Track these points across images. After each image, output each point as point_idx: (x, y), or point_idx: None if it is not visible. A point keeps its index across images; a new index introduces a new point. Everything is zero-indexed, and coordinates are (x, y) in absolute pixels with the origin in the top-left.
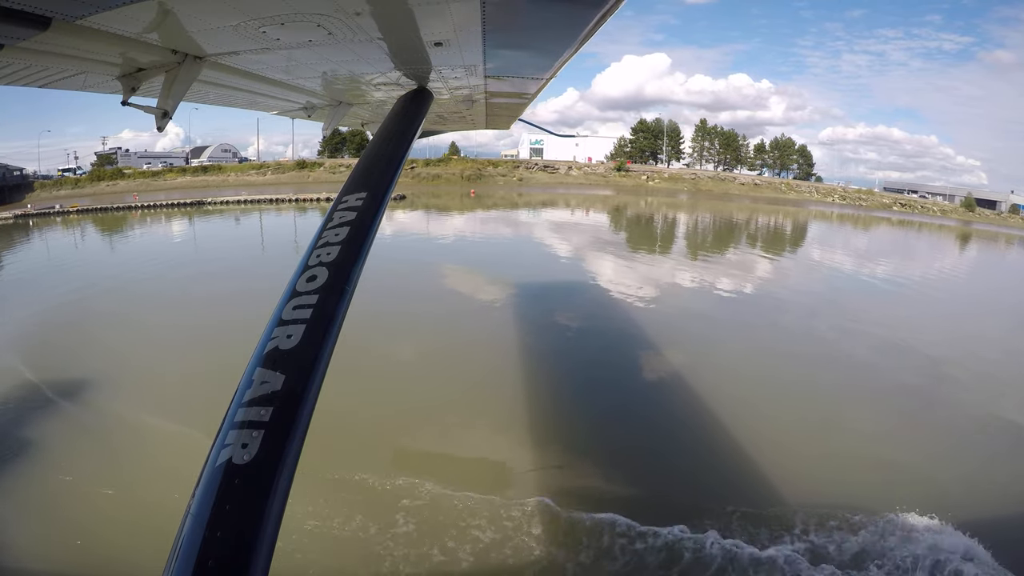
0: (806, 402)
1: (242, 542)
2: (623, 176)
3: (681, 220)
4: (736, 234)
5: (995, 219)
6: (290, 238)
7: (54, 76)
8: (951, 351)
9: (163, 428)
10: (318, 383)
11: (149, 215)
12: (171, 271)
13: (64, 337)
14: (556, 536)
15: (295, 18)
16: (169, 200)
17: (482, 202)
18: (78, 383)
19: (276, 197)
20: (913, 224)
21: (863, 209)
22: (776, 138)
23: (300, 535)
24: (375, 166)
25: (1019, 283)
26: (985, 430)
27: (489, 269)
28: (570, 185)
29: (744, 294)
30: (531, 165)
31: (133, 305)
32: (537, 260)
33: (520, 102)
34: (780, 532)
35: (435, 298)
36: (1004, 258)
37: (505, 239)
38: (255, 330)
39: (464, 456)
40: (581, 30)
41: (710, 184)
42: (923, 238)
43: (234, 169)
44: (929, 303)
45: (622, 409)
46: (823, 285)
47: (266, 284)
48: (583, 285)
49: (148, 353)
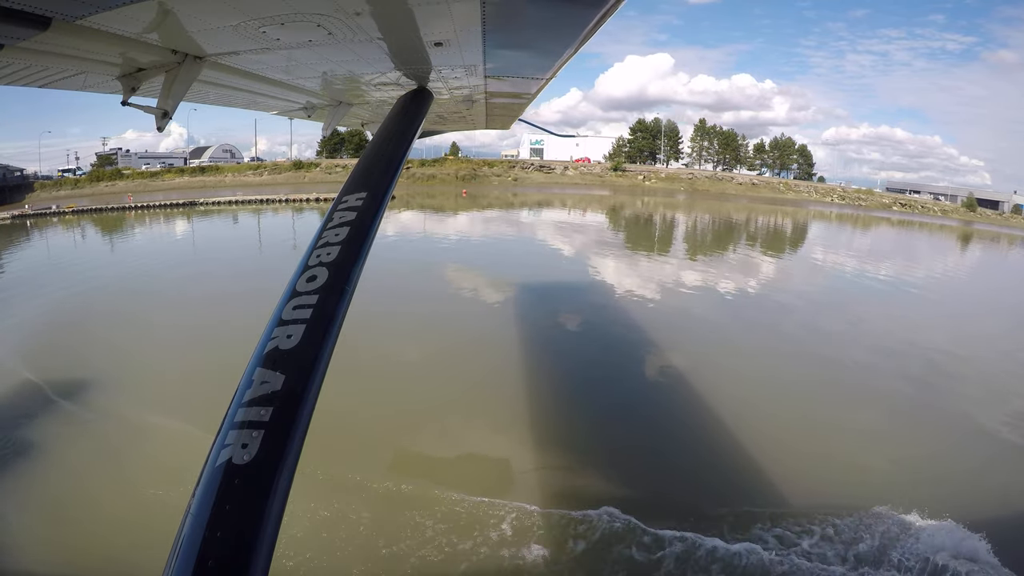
0: (805, 402)
1: (242, 542)
2: (619, 176)
3: (676, 220)
4: (732, 235)
5: (997, 219)
6: (281, 238)
7: (54, 76)
8: (950, 351)
9: (165, 426)
10: (318, 383)
11: (143, 216)
12: (168, 271)
13: (57, 334)
14: (556, 536)
15: (295, 18)
16: (164, 201)
17: (476, 202)
18: (75, 381)
19: (267, 197)
20: (913, 224)
21: (862, 209)
22: (776, 138)
23: (299, 535)
24: (375, 166)
25: (1018, 283)
26: (985, 429)
27: (482, 270)
28: (566, 185)
29: (739, 295)
30: (527, 165)
31: (125, 303)
32: (527, 261)
33: (520, 102)
34: (782, 531)
35: (427, 299)
36: (1005, 259)
37: (495, 239)
38: (250, 330)
39: (461, 456)
40: (581, 30)
41: (707, 184)
42: (922, 238)
43: (231, 170)
44: (926, 304)
45: (620, 408)
46: (817, 287)
47: (258, 284)
48: (573, 287)
49: (148, 352)
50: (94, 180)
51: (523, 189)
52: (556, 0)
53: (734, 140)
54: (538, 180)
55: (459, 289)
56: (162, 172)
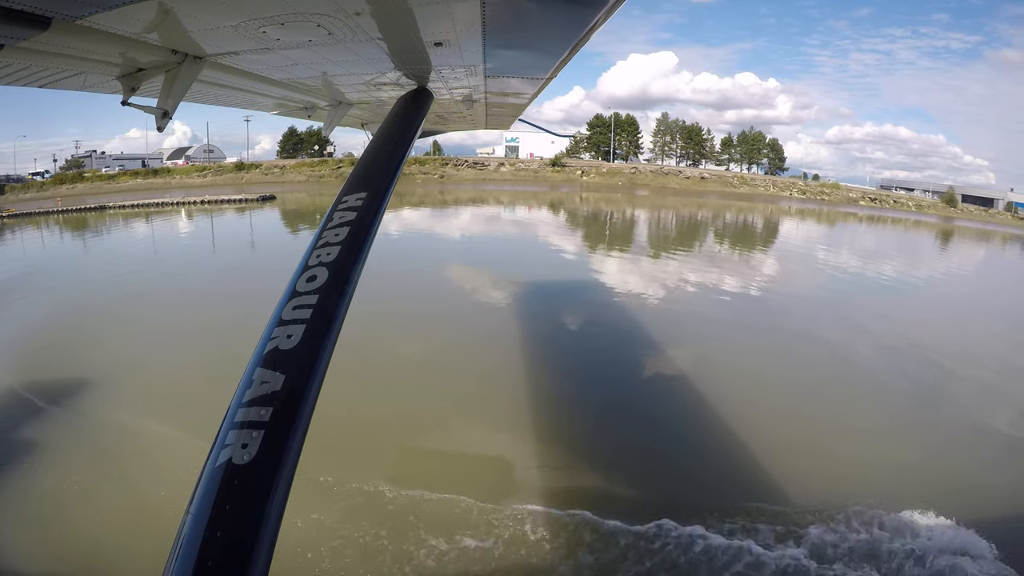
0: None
1: (242, 542)
2: (556, 171)
3: (544, 218)
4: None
5: (980, 215)
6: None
7: (54, 76)
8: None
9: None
10: (318, 383)
11: (61, 219)
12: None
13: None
14: (554, 535)
15: (295, 18)
16: (82, 205)
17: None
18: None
19: (164, 201)
20: (886, 220)
21: (826, 204)
22: (744, 131)
23: (299, 535)
24: (375, 166)
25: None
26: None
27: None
28: (497, 182)
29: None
30: (460, 163)
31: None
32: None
33: (520, 102)
34: (784, 530)
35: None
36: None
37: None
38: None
39: (458, 455)
40: (581, 30)
41: (648, 179)
42: (872, 238)
43: (180, 172)
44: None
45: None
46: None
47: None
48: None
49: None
50: (58, 183)
51: (450, 187)
52: (556, 0)
53: (698, 134)
54: (468, 177)
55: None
56: (118, 175)
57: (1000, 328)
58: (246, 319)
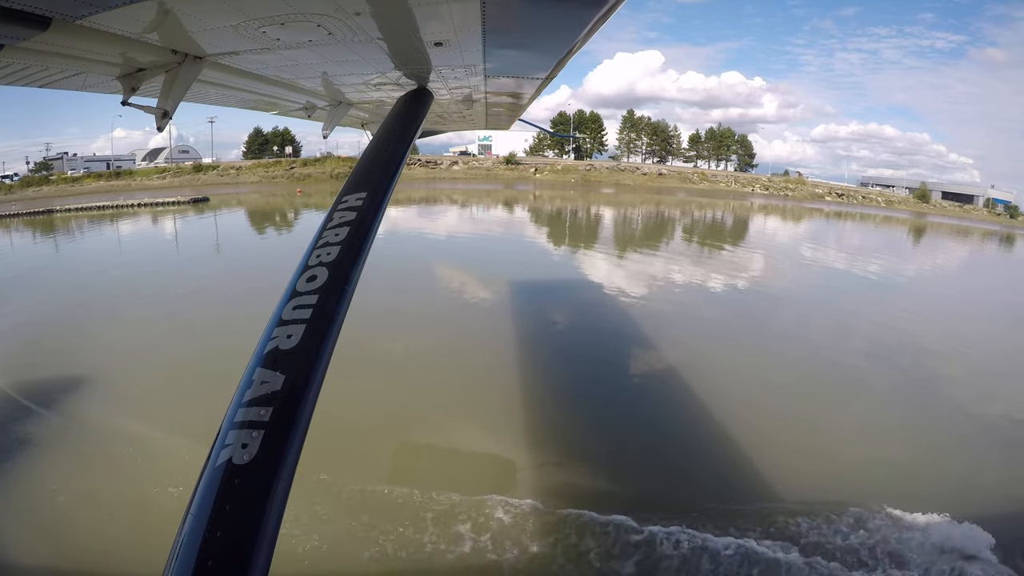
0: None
1: (242, 542)
2: (509, 169)
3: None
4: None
5: (954, 212)
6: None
7: (54, 76)
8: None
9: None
10: (318, 383)
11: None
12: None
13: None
14: (552, 534)
15: (295, 18)
16: (29, 208)
17: (306, 201)
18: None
19: (103, 204)
20: (853, 216)
21: (789, 200)
22: (712, 128)
23: (298, 535)
24: (375, 166)
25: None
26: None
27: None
28: (447, 181)
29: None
30: (411, 162)
31: None
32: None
33: (520, 102)
34: (780, 530)
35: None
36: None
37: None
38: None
39: (454, 453)
40: (581, 30)
41: (603, 175)
42: (832, 232)
43: (141, 174)
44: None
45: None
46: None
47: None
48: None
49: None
50: (25, 186)
51: (402, 186)
52: (556, 0)
53: (664, 132)
54: (417, 176)
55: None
56: (83, 177)
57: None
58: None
